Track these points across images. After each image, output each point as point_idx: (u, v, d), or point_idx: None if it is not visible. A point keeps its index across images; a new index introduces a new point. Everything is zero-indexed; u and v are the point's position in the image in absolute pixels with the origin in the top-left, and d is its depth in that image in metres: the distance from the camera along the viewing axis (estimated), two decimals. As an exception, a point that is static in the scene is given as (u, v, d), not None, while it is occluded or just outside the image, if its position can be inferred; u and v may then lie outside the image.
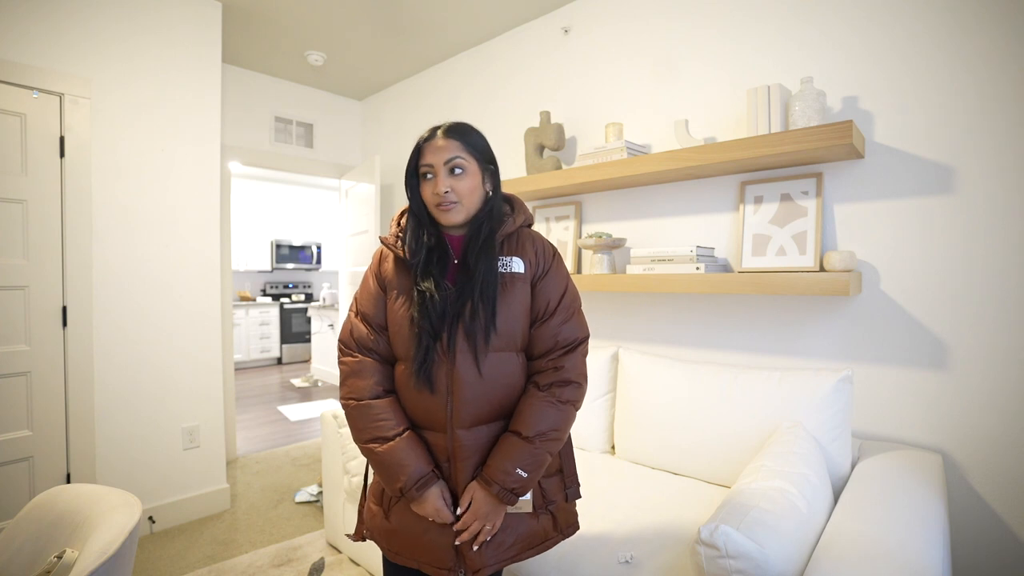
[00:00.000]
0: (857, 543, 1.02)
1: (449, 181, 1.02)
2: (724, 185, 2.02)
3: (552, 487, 1.10)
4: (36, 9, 2.07)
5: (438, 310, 1.00)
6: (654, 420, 1.82)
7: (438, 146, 1.03)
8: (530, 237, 1.12)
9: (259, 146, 3.44)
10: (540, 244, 1.12)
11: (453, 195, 1.03)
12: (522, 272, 1.06)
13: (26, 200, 2.06)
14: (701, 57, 2.08)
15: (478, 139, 1.07)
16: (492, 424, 1.05)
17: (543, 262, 1.09)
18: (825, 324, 1.79)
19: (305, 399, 5.06)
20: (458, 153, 1.03)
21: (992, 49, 1.48)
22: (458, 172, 1.03)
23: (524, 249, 1.09)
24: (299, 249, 7.25)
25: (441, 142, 1.03)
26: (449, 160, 1.02)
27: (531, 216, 1.14)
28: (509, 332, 1.03)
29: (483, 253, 1.03)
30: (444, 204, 1.03)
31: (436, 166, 1.03)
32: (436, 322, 1.00)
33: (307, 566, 2.07)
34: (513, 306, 1.04)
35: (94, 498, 1.09)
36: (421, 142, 1.06)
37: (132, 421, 2.33)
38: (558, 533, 1.11)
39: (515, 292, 1.04)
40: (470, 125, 1.08)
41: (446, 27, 2.80)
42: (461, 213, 1.05)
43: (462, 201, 1.04)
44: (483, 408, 1.02)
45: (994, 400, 1.50)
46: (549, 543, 1.09)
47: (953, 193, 1.55)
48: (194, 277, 2.51)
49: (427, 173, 1.05)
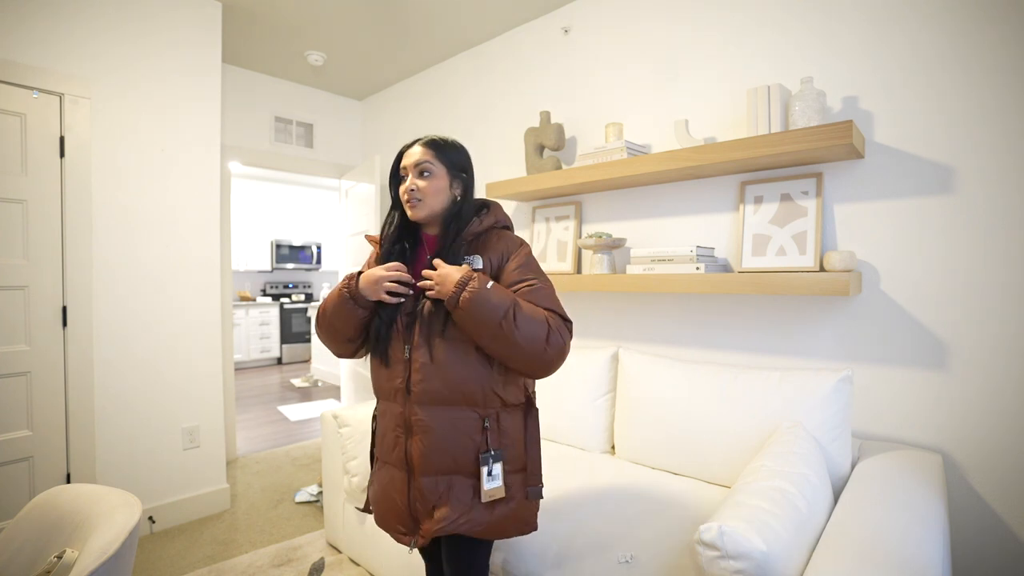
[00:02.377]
0: (857, 543, 1.02)
1: (416, 181, 1.19)
2: (724, 185, 2.02)
3: (515, 483, 1.17)
4: (36, 9, 2.07)
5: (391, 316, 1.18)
6: (654, 420, 1.82)
7: (413, 152, 1.21)
8: (499, 237, 1.22)
9: (259, 146, 3.44)
10: (505, 243, 1.21)
11: (418, 193, 1.19)
12: (480, 268, 1.16)
13: (26, 200, 2.06)
14: (701, 57, 2.08)
15: (451, 150, 1.23)
16: (452, 408, 1.14)
17: (504, 255, 1.19)
18: (825, 324, 1.79)
19: (305, 399, 5.06)
20: (428, 159, 1.19)
21: (992, 49, 1.48)
22: (425, 175, 1.19)
23: (487, 247, 1.20)
24: (299, 249, 7.26)
25: (416, 149, 1.21)
26: (419, 163, 1.19)
27: (504, 219, 1.27)
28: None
29: (448, 252, 1.17)
30: (410, 200, 1.20)
31: (408, 168, 1.21)
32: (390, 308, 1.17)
33: (307, 566, 2.07)
34: None
35: (94, 498, 1.09)
36: (403, 149, 1.24)
37: (132, 421, 2.33)
38: (515, 531, 1.18)
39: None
40: (448, 140, 1.24)
41: (446, 27, 2.80)
42: (424, 210, 1.20)
43: (425, 199, 1.19)
44: (439, 389, 1.13)
45: (994, 400, 1.50)
46: (504, 535, 1.17)
47: (953, 193, 1.55)
48: (194, 277, 2.51)
49: (403, 175, 1.23)
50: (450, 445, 1.13)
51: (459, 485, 1.13)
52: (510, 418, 1.17)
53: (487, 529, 1.15)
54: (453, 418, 1.13)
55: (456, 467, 1.14)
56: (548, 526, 1.44)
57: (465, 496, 1.13)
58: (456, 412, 1.14)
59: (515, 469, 1.17)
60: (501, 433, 1.16)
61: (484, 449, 1.13)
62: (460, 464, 1.13)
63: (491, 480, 1.13)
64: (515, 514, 1.17)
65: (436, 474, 1.13)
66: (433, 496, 1.13)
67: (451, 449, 1.13)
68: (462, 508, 1.12)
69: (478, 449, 1.14)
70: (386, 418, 1.21)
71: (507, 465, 1.16)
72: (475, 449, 1.14)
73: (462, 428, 1.13)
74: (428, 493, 1.13)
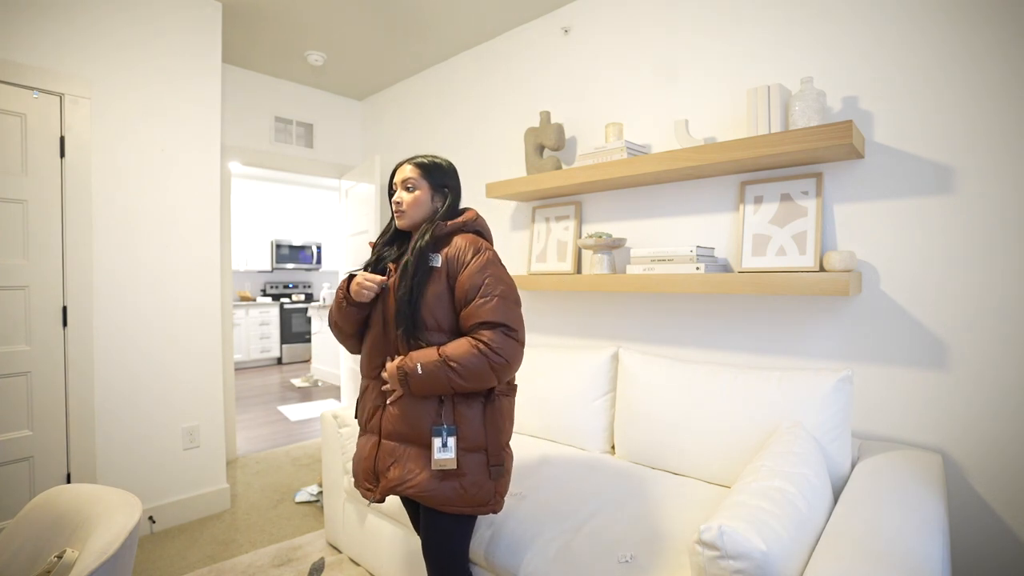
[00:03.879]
0: (857, 543, 1.02)
1: (403, 195, 1.37)
2: (724, 185, 2.02)
3: (471, 462, 1.27)
4: (37, 10, 2.07)
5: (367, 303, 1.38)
6: (654, 420, 1.82)
7: (403, 170, 1.39)
8: (462, 239, 1.33)
9: (259, 146, 3.45)
10: (464, 246, 1.32)
11: (402, 205, 1.37)
12: (438, 266, 1.31)
13: (26, 200, 2.06)
14: (701, 57, 2.08)
15: (435, 169, 1.39)
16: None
17: (462, 259, 1.30)
18: (825, 324, 1.79)
19: (305, 399, 5.06)
20: (412, 176, 1.37)
21: (991, 50, 1.48)
22: (409, 189, 1.37)
23: (448, 247, 1.33)
24: (299, 249, 7.26)
25: (405, 168, 1.39)
26: (406, 180, 1.38)
27: (472, 223, 1.39)
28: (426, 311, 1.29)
29: (414, 251, 1.31)
30: (396, 211, 1.39)
31: (397, 184, 1.40)
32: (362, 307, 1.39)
33: (307, 566, 2.07)
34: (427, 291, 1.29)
35: (94, 498, 1.09)
36: (396, 167, 1.41)
37: (132, 421, 2.33)
38: (464, 504, 1.27)
39: (431, 281, 1.30)
40: (435, 161, 1.40)
41: (446, 27, 2.80)
42: (407, 219, 1.38)
43: (408, 210, 1.37)
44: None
45: (994, 400, 1.50)
46: (449, 507, 1.26)
47: (953, 193, 1.55)
48: (194, 277, 2.51)
49: (394, 189, 1.41)
50: (411, 416, 1.28)
51: (413, 452, 1.28)
52: (466, 403, 1.29)
53: (435, 497, 1.25)
54: (412, 398, 1.29)
55: (412, 436, 1.28)
56: (548, 525, 1.45)
57: (416, 462, 1.27)
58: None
59: (472, 448, 1.28)
60: (457, 414, 1.28)
61: (437, 422, 1.27)
62: (416, 434, 1.28)
63: (443, 451, 1.25)
64: (467, 491, 1.26)
65: (397, 440, 1.30)
66: (390, 458, 1.30)
67: (411, 419, 1.28)
68: (412, 472, 1.27)
69: (433, 423, 1.27)
70: (368, 393, 1.40)
71: (462, 442, 1.27)
72: (431, 423, 1.27)
73: (426, 404, 1.28)
74: (387, 455, 1.31)
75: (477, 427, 1.29)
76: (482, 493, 1.28)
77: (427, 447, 1.27)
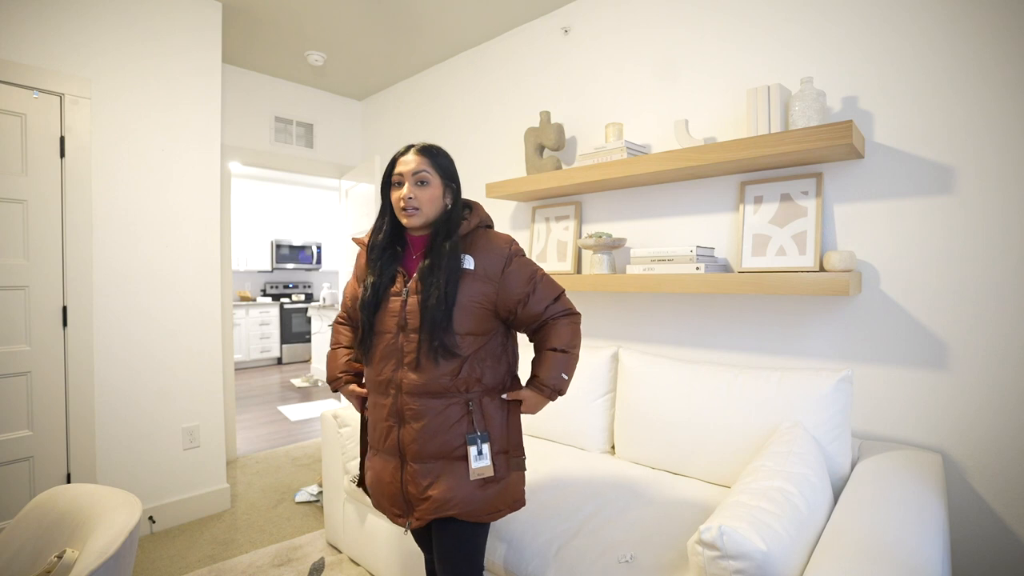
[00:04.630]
0: (857, 543, 1.02)
1: (414, 190, 1.22)
2: (724, 185, 2.02)
3: (500, 463, 1.24)
4: (37, 10, 2.08)
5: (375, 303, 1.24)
6: (654, 420, 1.82)
7: (408, 160, 1.23)
8: (485, 237, 1.26)
9: (259, 146, 3.45)
10: (495, 244, 1.25)
11: (415, 202, 1.21)
12: (471, 269, 1.21)
13: (26, 200, 2.06)
14: (701, 57, 2.08)
15: (444, 160, 1.26)
16: (440, 397, 1.20)
17: (505, 261, 1.24)
18: (825, 324, 1.79)
19: (305, 399, 5.06)
20: (425, 168, 1.22)
21: (991, 49, 1.48)
22: (422, 184, 1.22)
23: (475, 248, 1.24)
24: (299, 249, 7.26)
25: (412, 157, 1.23)
26: (417, 172, 1.22)
27: (486, 218, 1.31)
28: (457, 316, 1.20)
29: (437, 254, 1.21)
30: (408, 209, 1.22)
31: (405, 175, 1.23)
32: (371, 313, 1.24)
33: (307, 566, 2.07)
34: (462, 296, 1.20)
35: (94, 498, 1.09)
36: (396, 156, 1.27)
37: (132, 421, 2.33)
38: (507, 508, 1.24)
39: (465, 285, 1.20)
40: (439, 148, 1.27)
41: (446, 27, 2.80)
42: (420, 218, 1.23)
43: (422, 208, 1.22)
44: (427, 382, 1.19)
45: (994, 400, 1.50)
46: (495, 515, 1.23)
47: (952, 193, 1.55)
48: (194, 277, 2.51)
49: (398, 182, 1.24)
50: (438, 430, 1.19)
51: (449, 467, 1.20)
52: (492, 404, 1.25)
53: (480, 508, 1.20)
54: (443, 405, 1.20)
55: (445, 450, 1.20)
56: (548, 526, 1.45)
57: (455, 477, 1.19)
58: (443, 399, 1.20)
59: (500, 450, 1.24)
60: (487, 418, 1.23)
61: (470, 430, 1.20)
62: (449, 447, 1.20)
63: (479, 459, 1.19)
64: (505, 491, 1.24)
65: (427, 459, 1.20)
66: (425, 480, 1.20)
67: (439, 434, 1.19)
68: (453, 488, 1.18)
69: (464, 432, 1.20)
70: (377, 410, 1.27)
71: (493, 445, 1.22)
72: (462, 432, 1.20)
73: (451, 414, 1.20)
74: (420, 477, 1.20)
75: (502, 426, 1.26)
76: (516, 490, 1.27)
77: (460, 459, 1.20)
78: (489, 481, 1.21)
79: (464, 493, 1.19)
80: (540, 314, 1.26)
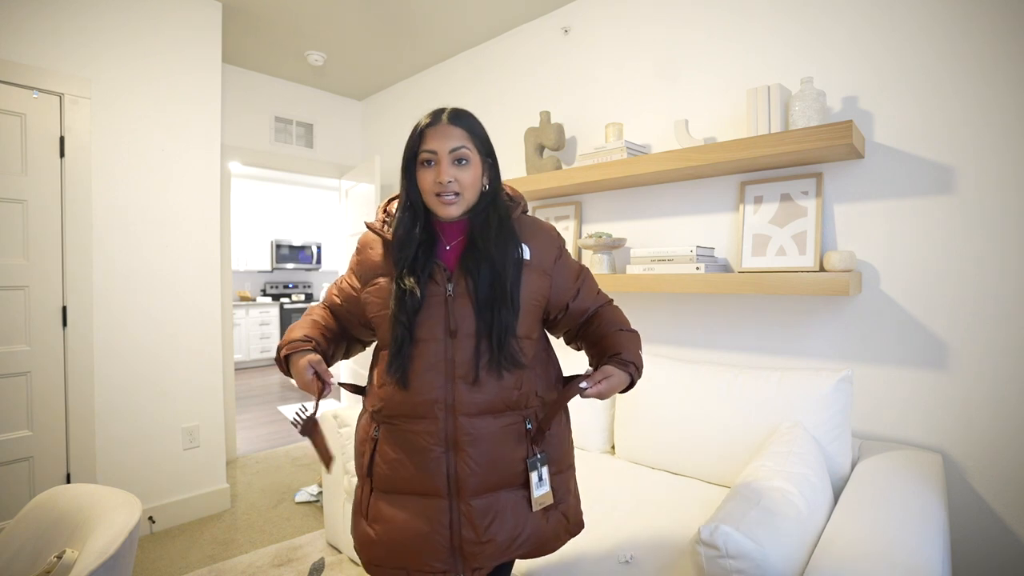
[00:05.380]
0: (857, 543, 1.02)
1: (453, 171, 0.96)
2: (724, 185, 2.02)
3: (562, 483, 1.06)
4: (36, 9, 2.07)
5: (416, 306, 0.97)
6: (654, 420, 1.82)
7: (443, 132, 0.97)
8: (531, 224, 1.09)
9: (259, 146, 3.44)
10: (543, 232, 1.09)
11: (456, 185, 0.96)
12: (528, 259, 1.03)
13: (26, 200, 2.06)
14: (701, 57, 2.08)
15: (480, 128, 1.02)
16: (499, 415, 0.99)
17: (553, 248, 1.08)
18: (825, 324, 1.79)
19: (305, 399, 5.06)
20: (464, 143, 0.97)
21: (991, 49, 1.48)
22: (463, 163, 0.97)
23: (525, 235, 1.06)
24: (299, 249, 7.25)
25: (447, 128, 0.97)
26: (455, 149, 0.96)
27: (525, 202, 1.12)
28: (523, 316, 1.01)
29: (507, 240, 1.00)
30: (445, 195, 0.97)
31: (440, 154, 0.96)
32: (411, 316, 0.96)
33: (307, 566, 2.07)
34: (524, 292, 1.01)
35: (94, 498, 1.09)
36: (423, 126, 0.98)
37: (132, 421, 2.33)
38: (567, 534, 1.07)
39: (525, 279, 1.02)
40: (472, 113, 1.03)
41: (446, 27, 2.80)
42: (461, 206, 0.99)
43: (464, 193, 0.98)
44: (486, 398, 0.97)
45: (994, 400, 1.50)
46: (558, 543, 1.06)
47: (953, 193, 1.55)
48: (194, 277, 2.51)
49: (429, 160, 0.97)
50: (501, 456, 0.99)
51: (511, 499, 0.99)
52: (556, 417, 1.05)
53: (548, 543, 1.04)
54: (500, 425, 0.99)
55: (506, 480, 0.99)
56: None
57: (519, 511, 1.00)
58: (503, 419, 0.99)
59: (558, 470, 1.06)
60: (548, 434, 1.04)
61: (531, 453, 1.01)
62: (510, 475, 1.00)
63: (540, 486, 1.01)
64: (566, 516, 1.06)
65: (487, 491, 0.98)
66: (486, 518, 0.97)
67: (501, 459, 0.99)
68: (521, 524, 0.99)
69: (525, 455, 1.01)
70: (410, 438, 0.98)
71: (552, 466, 1.04)
72: (522, 457, 1.00)
73: (511, 434, 1.00)
74: (479, 517, 0.96)
75: (560, 443, 1.07)
76: (576, 511, 1.10)
77: (522, 485, 1.00)
78: (549, 508, 1.03)
79: (532, 528, 1.00)
80: (588, 309, 1.11)
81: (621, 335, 1.07)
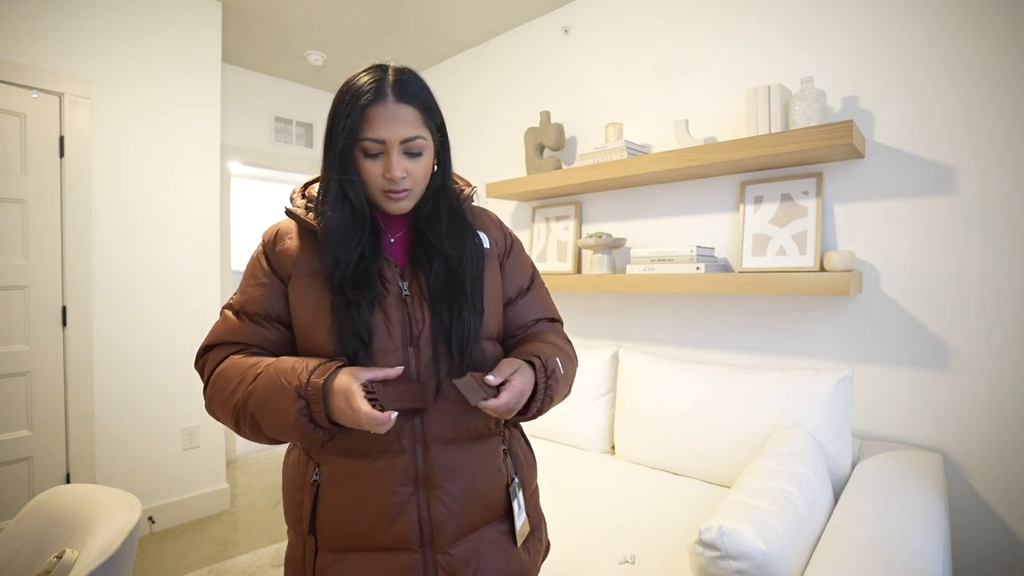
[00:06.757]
0: (857, 543, 1.02)
1: (405, 163, 0.78)
2: (724, 185, 2.01)
3: (535, 507, 0.94)
4: (36, 9, 2.07)
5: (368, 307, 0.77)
6: (654, 420, 1.82)
7: (392, 115, 0.77)
8: (480, 214, 0.96)
9: (259, 146, 3.44)
10: (493, 224, 0.96)
11: (408, 181, 0.79)
12: (489, 248, 0.90)
13: (26, 200, 2.06)
14: (701, 57, 2.08)
15: (429, 96, 0.84)
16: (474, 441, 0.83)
17: (506, 238, 0.96)
18: (825, 324, 1.78)
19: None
20: (417, 131, 0.79)
21: (992, 49, 1.48)
22: (415, 155, 0.79)
23: (480, 226, 0.92)
24: (299, 249, 7.24)
25: (396, 109, 0.78)
26: (408, 140, 0.78)
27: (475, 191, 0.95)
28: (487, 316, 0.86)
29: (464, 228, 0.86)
30: (396, 192, 0.79)
31: (390, 143, 0.77)
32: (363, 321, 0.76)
33: (307, 566, 2.07)
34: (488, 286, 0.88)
35: (94, 498, 1.09)
36: (365, 102, 0.77)
37: (132, 421, 2.33)
38: (542, 559, 0.95)
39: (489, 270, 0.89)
40: (419, 79, 0.85)
41: (446, 27, 2.80)
42: (412, 200, 0.82)
43: (415, 188, 0.81)
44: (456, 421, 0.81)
45: (994, 400, 1.50)
46: (537, 572, 0.92)
47: (953, 193, 1.55)
48: (194, 277, 2.51)
49: (375, 152, 0.78)
50: (482, 487, 0.83)
51: (493, 538, 0.83)
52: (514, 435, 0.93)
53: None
54: (479, 451, 0.83)
55: (488, 516, 0.83)
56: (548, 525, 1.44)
57: (503, 551, 0.83)
58: (482, 443, 0.84)
59: (531, 492, 0.94)
60: (513, 454, 0.90)
61: (510, 479, 0.86)
62: (492, 511, 0.84)
63: (520, 514, 0.86)
64: (540, 541, 0.94)
65: (468, 533, 0.80)
66: (469, 567, 0.79)
67: (483, 493, 0.83)
68: (508, 568, 0.83)
69: (504, 483, 0.85)
70: (365, 479, 0.77)
71: (525, 489, 0.90)
72: (502, 484, 0.85)
73: (490, 461, 0.84)
74: (463, 566, 0.79)
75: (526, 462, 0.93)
76: (545, 533, 0.97)
77: (503, 519, 0.85)
78: (528, 538, 0.89)
79: (517, 568, 0.85)
80: (528, 325, 0.93)
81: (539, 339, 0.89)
